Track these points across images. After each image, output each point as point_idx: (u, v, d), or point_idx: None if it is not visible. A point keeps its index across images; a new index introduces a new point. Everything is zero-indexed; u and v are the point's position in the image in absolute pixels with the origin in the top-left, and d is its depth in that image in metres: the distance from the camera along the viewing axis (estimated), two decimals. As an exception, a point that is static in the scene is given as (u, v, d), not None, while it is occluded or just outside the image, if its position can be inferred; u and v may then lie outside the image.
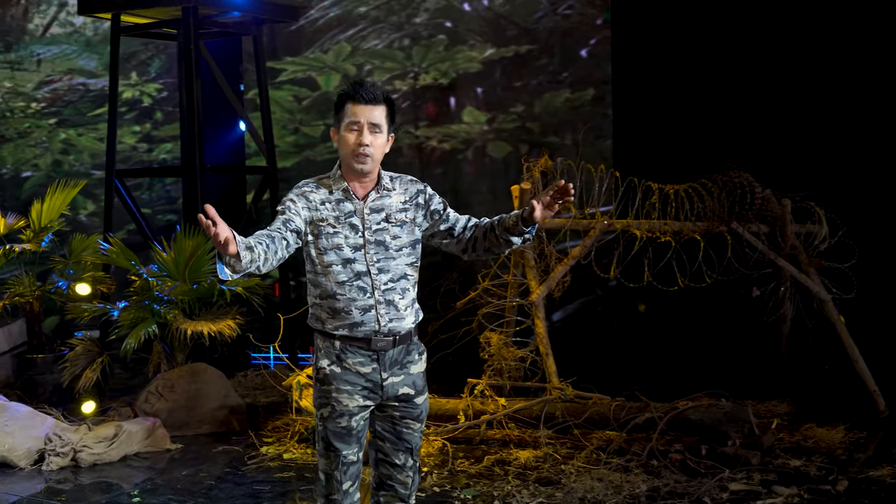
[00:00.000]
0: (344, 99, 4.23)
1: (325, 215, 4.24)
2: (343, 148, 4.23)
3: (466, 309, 8.37)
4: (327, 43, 10.52)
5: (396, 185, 4.39)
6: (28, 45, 11.78)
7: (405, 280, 4.33)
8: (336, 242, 4.23)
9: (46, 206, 8.87)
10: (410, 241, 4.36)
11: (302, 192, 4.28)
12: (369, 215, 4.27)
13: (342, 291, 4.24)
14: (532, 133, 10.02)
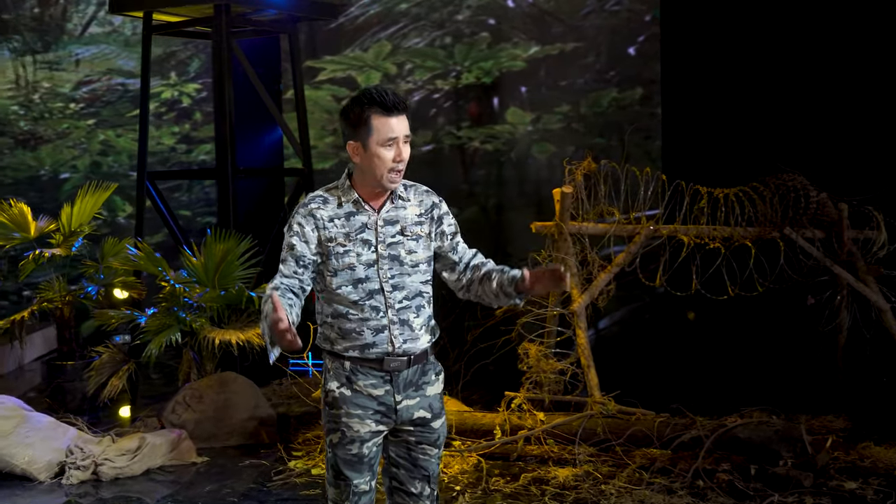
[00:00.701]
0: (369, 110, 3.87)
1: (333, 234, 3.93)
2: (375, 166, 3.89)
3: (507, 317, 8.04)
4: (367, 41, 10.24)
5: (411, 195, 4.07)
6: (67, 44, 11.62)
7: (420, 297, 4.01)
8: (347, 262, 3.93)
9: (77, 209, 8.66)
10: (426, 257, 4.04)
11: (309, 212, 3.96)
12: (383, 227, 3.96)
13: (354, 311, 3.93)
14: (578, 134, 9.67)
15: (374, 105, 3.87)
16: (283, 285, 3.89)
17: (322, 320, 4.02)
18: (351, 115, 3.92)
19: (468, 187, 10.02)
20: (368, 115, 3.87)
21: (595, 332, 9.40)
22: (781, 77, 8.55)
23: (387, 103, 3.86)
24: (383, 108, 3.87)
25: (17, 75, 11.66)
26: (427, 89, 10.05)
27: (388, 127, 3.87)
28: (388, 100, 3.87)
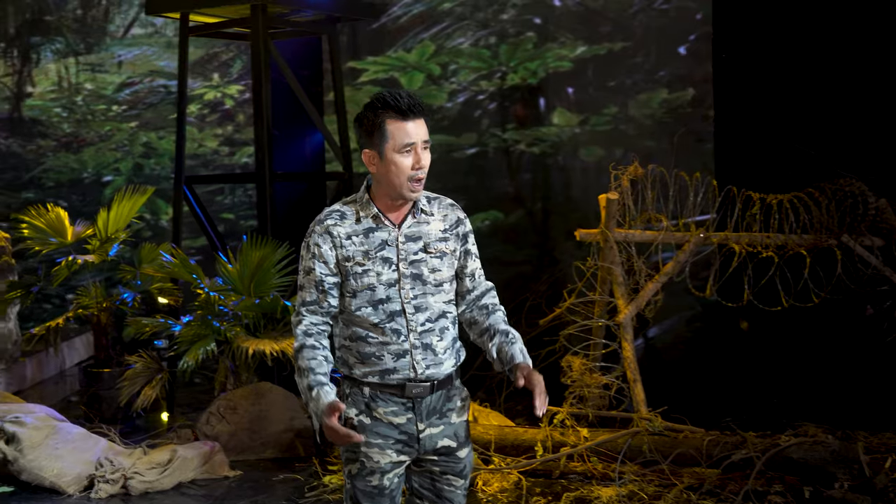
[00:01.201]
0: (383, 115, 3.63)
1: (351, 252, 3.69)
2: (394, 175, 3.64)
3: (552, 327, 7.78)
4: (410, 41, 10.00)
5: (435, 208, 3.81)
6: (109, 46, 11.51)
7: (444, 319, 3.76)
8: (367, 283, 3.68)
9: (114, 213, 8.50)
10: (450, 275, 3.79)
11: (325, 230, 3.72)
12: (404, 244, 3.71)
13: (374, 334, 3.69)
14: (626, 136, 9.36)
15: (388, 109, 3.62)
16: (313, 331, 3.71)
17: (340, 343, 3.79)
18: (364, 122, 3.68)
19: (513, 191, 9.75)
20: (383, 120, 3.62)
21: (644, 340, 9.10)
22: (840, 77, 8.18)
23: (401, 107, 3.61)
24: (398, 112, 3.62)
25: (59, 77, 11.57)
26: (471, 91, 9.79)
27: (404, 132, 3.62)
28: (402, 103, 3.62)
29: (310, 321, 3.71)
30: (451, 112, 9.84)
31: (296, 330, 3.73)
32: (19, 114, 11.64)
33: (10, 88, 11.64)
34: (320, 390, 3.59)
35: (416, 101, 3.66)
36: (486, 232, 9.76)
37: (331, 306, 3.71)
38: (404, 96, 3.64)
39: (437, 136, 9.86)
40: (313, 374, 3.63)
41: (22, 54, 11.60)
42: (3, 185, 11.66)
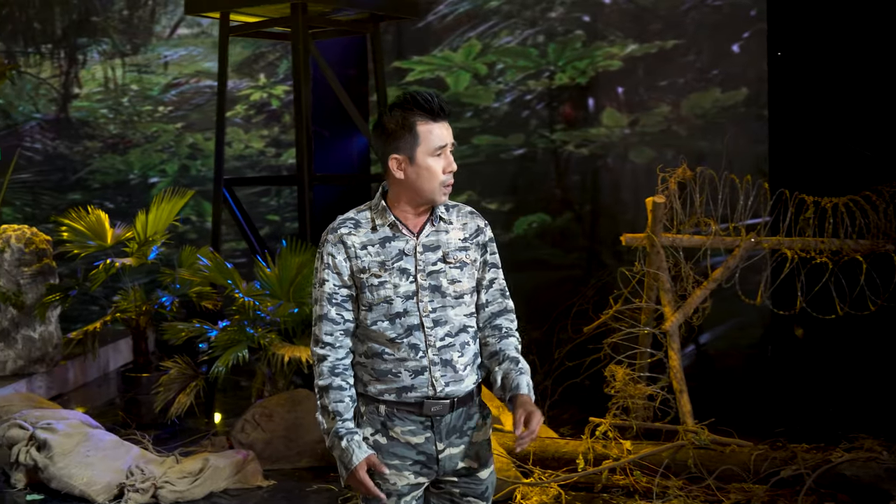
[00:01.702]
0: (412, 116, 3.44)
1: (366, 263, 3.50)
2: (426, 180, 3.46)
3: (596, 334, 7.53)
4: (456, 40, 9.80)
5: (454, 216, 3.61)
6: (155, 47, 11.44)
7: (465, 333, 3.55)
8: (383, 295, 3.49)
9: (153, 216, 8.39)
10: (471, 287, 3.58)
11: (339, 239, 3.53)
12: (422, 254, 3.51)
13: (391, 350, 3.49)
14: (678, 137, 9.09)
15: (419, 110, 3.44)
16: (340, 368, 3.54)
17: (355, 359, 3.59)
18: (391, 125, 3.48)
19: (561, 193, 9.52)
20: (413, 122, 3.44)
21: (697, 346, 8.83)
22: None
23: (433, 108, 3.43)
24: (430, 114, 3.43)
25: (106, 78, 11.52)
26: (519, 90, 9.57)
27: (435, 134, 3.45)
28: (434, 104, 3.44)
29: (335, 358, 3.52)
30: (498, 112, 9.63)
31: (321, 366, 3.54)
32: (66, 115, 11.61)
33: (57, 90, 11.62)
34: (350, 442, 3.45)
35: (445, 102, 3.49)
36: (534, 235, 9.54)
37: (345, 321, 3.52)
38: (434, 97, 3.46)
39: (484, 137, 9.66)
40: (341, 419, 3.48)
41: (69, 56, 11.57)
42: (50, 186, 11.64)
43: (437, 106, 3.44)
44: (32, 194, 11.67)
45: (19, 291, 8.86)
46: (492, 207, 9.66)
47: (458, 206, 3.66)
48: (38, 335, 8.97)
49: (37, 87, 11.67)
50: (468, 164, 9.71)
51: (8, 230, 9.00)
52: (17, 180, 11.63)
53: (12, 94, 11.68)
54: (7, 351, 8.89)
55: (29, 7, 11.55)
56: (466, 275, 3.56)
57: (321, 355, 3.54)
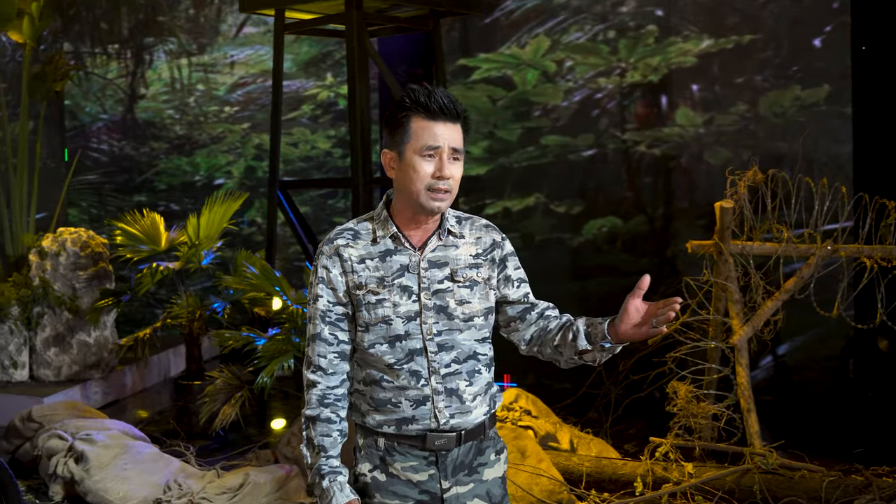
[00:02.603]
0: (408, 112, 3.12)
1: (364, 279, 3.16)
2: (411, 181, 3.11)
3: (661, 347, 7.10)
4: (524, 37, 9.40)
5: (466, 229, 3.27)
6: (221, 46, 11.23)
7: (474, 360, 3.19)
8: (381, 315, 3.15)
9: (205, 220, 8.18)
10: (483, 309, 3.22)
11: (335, 251, 3.20)
12: (427, 271, 3.16)
13: (390, 377, 3.15)
14: (755, 137, 8.58)
15: (416, 107, 3.10)
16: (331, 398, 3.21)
17: (353, 386, 3.26)
18: (389, 118, 3.17)
19: (633, 196, 9.07)
20: (408, 116, 3.12)
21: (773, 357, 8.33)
22: None
23: (431, 105, 3.09)
24: (429, 111, 3.09)
25: (172, 78, 11.36)
26: (589, 88, 9.15)
27: (429, 133, 3.09)
28: (434, 101, 3.09)
29: (326, 385, 3.20)
30: (567, 112, 9.22)
31: (310, 393, 3.22)
32: (132, 116, 11.48)
33: (124, 90, 11.50)
34: (333, 482, 3.12)
35: (452, 102, 3.13)
36: (603, 239, 9.12)
37: (340, 342, 3.19)
38: (439, 95, 3.12)
39: (552, 138, 9.26)
40: (325, 456, 3.16)
41: (135, 56, 11.44)
42: (116, 188, 11.52)
43: (436, 104, 3.09)
44: (98, 196, 11.56)
45: (75, 296, 8.71)
46: (560, 210, 9.26)
47: (472, 218, 3.32)
48: (93, 340, 8.81)
49: (103, 88, 11.56)
50: (535, 165, 9.33)
51: (64, 233, 8.87)
52: (84, 181, 11.54)
53: (79, 95, 11.59)
54: (62, 356, 8.75)
55: (96, 7, 11.45)
56: (478, 295, 3.21)
57: (311, 381, 3.21)
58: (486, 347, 3.23)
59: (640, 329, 3.09)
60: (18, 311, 8.64)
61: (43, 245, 8.78)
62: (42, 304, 8.68)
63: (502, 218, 9.36)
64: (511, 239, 3.43)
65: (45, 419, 7.18)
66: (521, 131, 9.39)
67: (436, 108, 3.09)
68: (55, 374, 8.74)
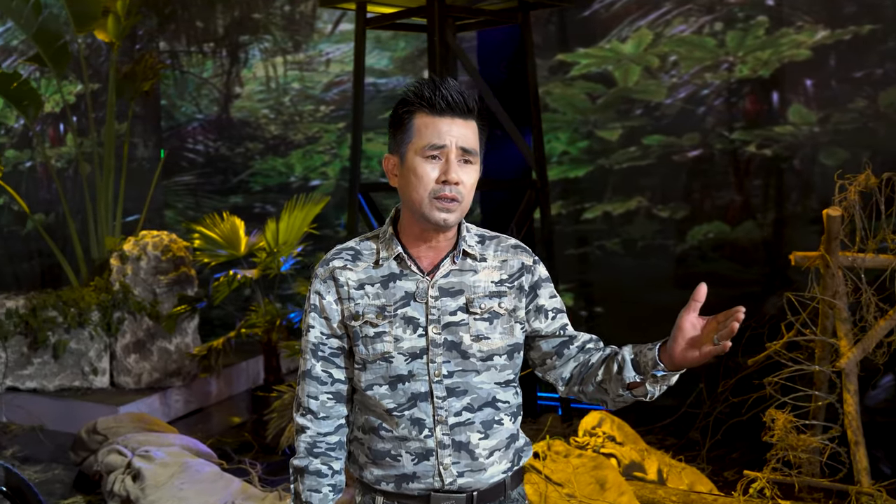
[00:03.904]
0: (410, 108, 2.66)
1: (361, 308, 2.69)
2: (412, 188, 2.66)
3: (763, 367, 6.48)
4: (625, 30, 8.82)
5: (489, 251, 2.78)
6: (317, 43, 10.90)
7: (493, 409, 2.70)
8: (381, 351, 2.68)
9: (284, 224, 7.82)
10: (506, 346, 2.72)
11: (330, 274, 2.75)
12: (437, 300, 2.68)
13: (389, 425, 2.69)
14: (876, 136, 7.86)
15: (420, 101, 2.64)
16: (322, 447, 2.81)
17: (352, 434, 2.81)
18: (392, 117, 2.71)
19: (741, 199, 8.42)
20: (411, 113, 2.66)
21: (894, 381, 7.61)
22: None
23: (435, 100, 2.62)
24: (433, 105, 2.63)
25: (267, 77, 11.07)
26: (694, 84, 8.52)
27: (433, 130, 2.62)
28: (439, 94, 2.62)
29: (316, 432, 2.78)
30: (671, 109, 8.61)
31: (298, 440, 2.82)
32: (228, 115, 11.23)
33: (219, 89, 11.26)
34: None
35: (462, 95, 2.65)
36: (710, 246, 8.49)
37: (335, 381, 2.75)
38: (448, 87, 2.64)
39: (655, 137, 8.67)
40: None
41: (230, 54, 11.18)
42: (212, 189, 11.29)
43: (442, 98, 2.62)
44: (194, 197, 11.35)
45: (155, 301, 8.47)
46: (663, 215, 8.66)
47: (498, 238, 2.83)
48: (173, 347, 8.56)
49: (199, 88, 11.34)
50: (637, 166, 8.74)
51: (146, 237, 8.64)
52: (180, 182, 11.35)
53: (175, 95, 11.39)
54: (142, 363, 8.51)
55: (192, 5, 11.23)
56: (499, 330, 2.71)
57: (300, 426, 2.78)
58: (510, 393, 2.74)
59: (698, 349, 2.56)
60: (99, 316, 8.43)
61: (124, 249, 8.56)
62: (122, 310, 8.46)
63: (602, 222, 8.81)
64: (611, 245, 2.93)
65: (109, 431, 6.92)
66: (621, 130, 8.81)
67: (442, 103, 2.63)
68: (135, 381, 8.51)
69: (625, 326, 8.67)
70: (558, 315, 2.82)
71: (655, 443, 7.60)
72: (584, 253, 8.92)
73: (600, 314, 8.93)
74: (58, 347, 8.28)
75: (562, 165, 9.07)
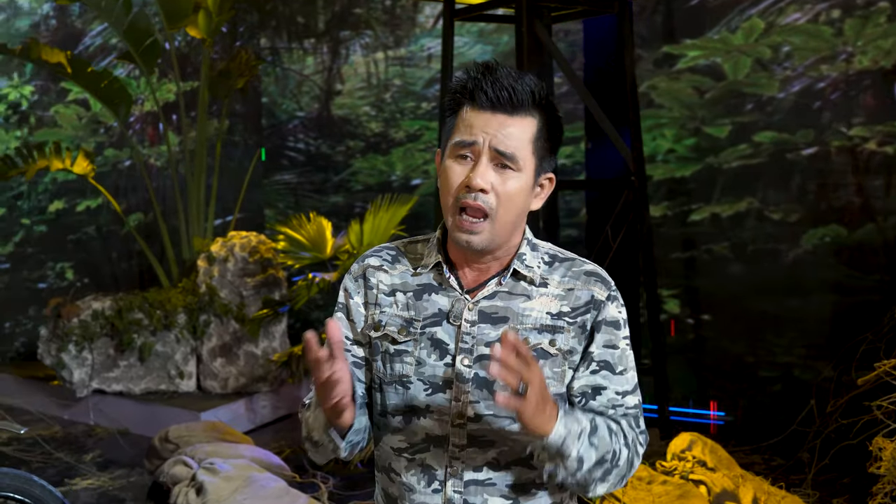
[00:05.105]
0: (457, 97, 2.26)
1: (387, 317, 2.31)
2: (441, 193, 2.26)
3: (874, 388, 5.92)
4: (736, 20, 8.26)
5: (555, 275, 2.32)
6: (419, 38, 10.57)
7: (526, 469, 2.24)
8: (399, 373, 2.28)
9: (368, 226, 7.50)
10: (553, 394, 2.24)
11: (362, 272, 2.37)
12: (474, 325, 2.25)
13: (397, 467, 2.27)
14: None
15: (463, 91, 2.24)
16: None
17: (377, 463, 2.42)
18: (441, 107, 2.31)
19: (860, 201, 7.79)
20: (458, 104, 2.26)
21: None
22: None
23: (476, 91, 2.21)
24: (473, 95, 2.21)
25: (368, 73, 10.79)
26: (809, 77, 7.92)
27: (467, 123, 2.20)
28: (485, 83, 2.19)
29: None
30: (784, 104, 8.03)
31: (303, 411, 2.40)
32: (328, 113, 10.99)
33: (320, 86, 11.02)
34: None
35: (511, 88, 2.20)
36: (826, 251, 7.88)
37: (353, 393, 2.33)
38: (500, 77, 2.22)
39: (767, 134, 8.10)
40: None
41: (331, 50, 10.94)
42: (313, 188, 11.08)
43: (485, 89, 2.19)
44: (295, 196, 11.15)
45: (242, 304, 8.27)
46: (775, 217, 8.08)
47: (573, 260, 2.36)
48: (260, 351, 8.34)
49: (299, 85, 11.13)
50: (748, 165, 8.18)
51: (234, 237, 8.43)
52: (281, 181, 11.17)
53: (276, 92, 11.20)
54: (229, 367, 8.31)
55: (293, 1, 11.02)
56: (547, 373, 2.25)
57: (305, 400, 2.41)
58: None
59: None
60: (185, 318, 8.25)
61: (212, 250, 8.36)
62: (208, 312, 8.27)
63: (710, 225, 8.26)
64: (719, 249, 2.42)
65: (181, 440, 6.71)
66: (731, 127, 8.26)
67: (483, 95, 2.20)
68: (222, 385, 8.31)
69: (733, 336, 8.15)
70: (601, 373, 2.28)
71: (761, 463, 7.09)
72: (691, 257, 8.40)
73: (707, 322, 8.39)
74: (143, 350, 8.13)
75: (668, 164, 8.56)
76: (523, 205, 2.26)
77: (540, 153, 2.26)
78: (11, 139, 9.70)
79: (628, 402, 2.30)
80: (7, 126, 9.80)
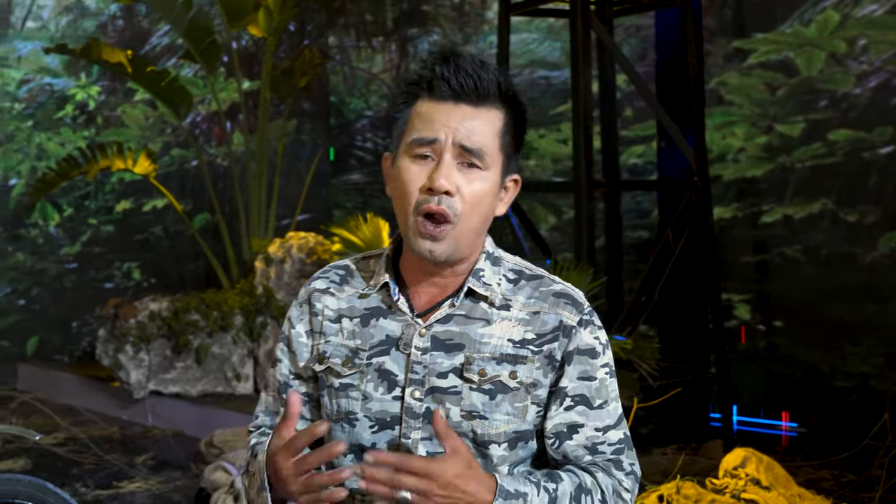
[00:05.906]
0: (408, 91, 2.03)
1: (331, 347, 2.07)
2: (396, 199, 2.03)
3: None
4: (809, 12, 7.91)
5: (519, 295, 2.07)
6: (486, 35, 10.39)
7: None
8: (345, 409, 2.03)
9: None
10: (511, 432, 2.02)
11: (307, 297, 2.13)
12: (425, 353, 2.00)
13: None
14: None
15: (420, 82, 2.00)
16: None
17: None
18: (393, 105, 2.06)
19: (941, 203, 7.40)
20: (412, 98, 2.01)
21: None
22: None
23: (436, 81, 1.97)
24: (429, 90, 1.98)
25: (435, 71, 10.63)
26: (887, 72, 7.54)
27: (426, 118, 1.97)
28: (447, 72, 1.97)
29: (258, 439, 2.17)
30: (860, 101, 7.67)
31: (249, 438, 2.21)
32: (396, 112, 10.86)
33: (388, 85, 10.89)
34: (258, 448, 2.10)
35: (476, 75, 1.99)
36: (902, 257, 7.51)
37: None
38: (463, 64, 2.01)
39: (842, 132, 7.74)
40: None
41: (399, 48, 10.80)
42: (380, 188, 10.84)
43: (446, 78, 1.96)
44: (363, 196, 11.02)
45: (298, 306, 8.13)
46: (850, 219, 7.71)
47: (541, 279, 2.10)
48: (317, 354, 8.21)
49: (368, 83, 11.01)
50: (822, 165, 7.82)
51: (292, 238, 8.33)
52: (349, 181, 11.07)
53: (344, 91, 11.10)
54: (284, 371, 8.20)
55: (361, -1, 10.94)
56: (505, 409, 2.00)
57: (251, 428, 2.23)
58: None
59: None
60: (241, 320, 8.17)
61: (269, 251, 8.27)
62: (265, 314, 8.18)
63: (782, 227, 7.92)
64: (792, 252, 2.18)
65: (226, 445, 6.60)
66: (804, 125, 7.90)
67: (445, 84, 1.97)
68: (275, 390, 8.21)
69: (806, 343, 7.81)
70: (577, 409, 2.02)
71: (830, 479, 6.75)
72: (762, 261, 8.07)
73: (779, 328, 8.06)
74: (200, 352, 8.06)
75: (738, 163, 8.25)
76: (489, 209, 2.04)
77: (506, 150, 2.05)
78: (79, 139, 9.75)
79: (611, 437, 2.05)
80: (74, 126, 9.85)
